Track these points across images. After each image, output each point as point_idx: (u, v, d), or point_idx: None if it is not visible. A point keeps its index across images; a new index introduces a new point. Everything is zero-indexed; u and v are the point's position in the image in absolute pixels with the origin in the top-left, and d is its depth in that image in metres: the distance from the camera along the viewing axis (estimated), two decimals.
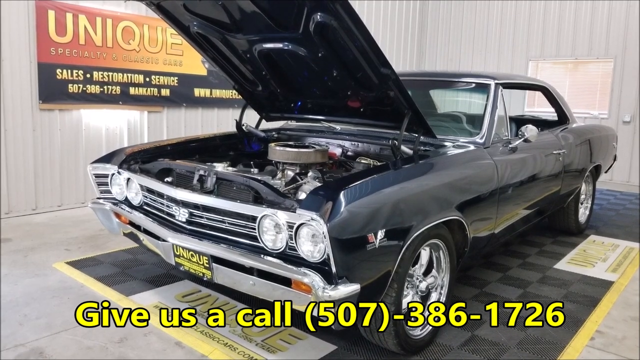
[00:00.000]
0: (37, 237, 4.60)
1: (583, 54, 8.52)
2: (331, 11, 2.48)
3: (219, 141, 3.98)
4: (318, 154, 3.21)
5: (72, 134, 5.62)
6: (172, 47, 6.26)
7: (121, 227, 3.35)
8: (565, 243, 4.89)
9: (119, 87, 5.83)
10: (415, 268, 2.74)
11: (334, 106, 3.49)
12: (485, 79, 3.69)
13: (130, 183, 3.26)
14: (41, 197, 5.44)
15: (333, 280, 2.18)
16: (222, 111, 7.00)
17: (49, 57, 5.25)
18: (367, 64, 2.74)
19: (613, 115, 8.23)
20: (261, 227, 2.43)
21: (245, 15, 2.90)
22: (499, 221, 3.39)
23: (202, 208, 2.72)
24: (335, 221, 2.14)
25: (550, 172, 4.08)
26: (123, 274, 3.77)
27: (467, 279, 3.86)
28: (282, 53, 3.11)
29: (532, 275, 4.01)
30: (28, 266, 3.88)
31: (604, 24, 8.26)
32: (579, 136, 4.75)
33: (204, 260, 2.65)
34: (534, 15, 8.99)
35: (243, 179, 2.68)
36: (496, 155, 3.34)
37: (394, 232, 2.40)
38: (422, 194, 2.66)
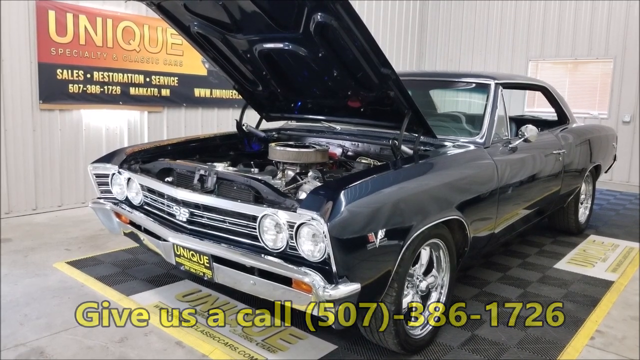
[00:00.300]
0: (38, 237, 4.61)
1: (583, 54, 8.52)
2: (331, 11, 2.48)
3: (219, 141, 3.98)
4: (318, 154, 3.22)
5: (73, 134, 5.62)
6: (172, 47, 6.27)
7: (121, 227, 3.35)
8: (565, 243, 4.89)
9: (119, 87, 5.83)
10: (416, 268, 2.75)
11: (334, 106, 3.49)
12: (485, 79, 3.69)
13: (130, 183, 3.26)
14: (41, 197, 5.45)
15: (333, 279, 2.18)
16: (222, 111, 7.00)
17: (50, 57, 5.25)
18: (367, 64, 2.75)
19: (613, 115, 8.24)
20: (262, 226, 2.43)
21: (246, 15, 2.90)
22: (499, 221, 3.40)
23: (203, 208, 2.72)
24: (336, 221, 2.15)
25: (550, 172, 4.08)
26: (123, 273, 3.77)
27: (467, 278, 3.86)
28: (283, 53, 3.12)
29: (532, 275, 4.02)
30: (28, 266, 3.88)
31: (603, 24, 8.27)
32: (578, 136, 4.76)
33: (205, 260, 2.65)
34: (533, 15, 8.99)
35: (244, 178, 2.68)
36: (496, 155, 3.35)
37: (394, 232, 2.40)
38: (422, 194, 2.66)
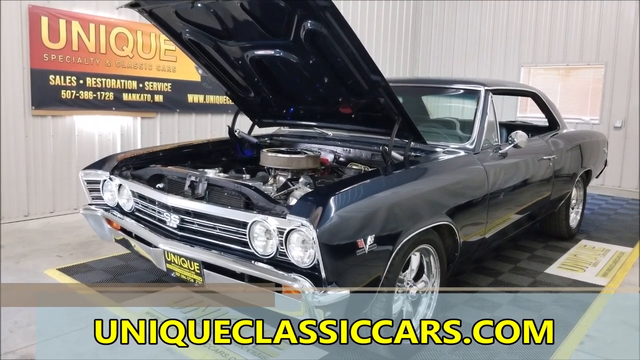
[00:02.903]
0: (29, 244, 4.59)
1: (574, 60, 8.59)
2: (321, 19, 2.51)
3: (211, 147, 3.99)
4: (310, 160, 3.23)
5: (65, 140, 5.61)
6: (165, 53, 6.28)
7: (113, 234, 3.35)
8: (556, 248, 4.92)
9: (112, 93, 5.83)
10: (406, 273, 2.76)
11: (325, 112, 3.51)
12: (475, 85, 3.72)
13: (122, 189, 3.26)
14: (33, 203, 5.43)
15: (323, 285, 2.19)
16: (215, 117, 7.01)
17: (42, 63, 5.25)
18: (357, 71, 2.77)
19: (604, 120, 8.30)
20: (252, 233, 2.44)
21: (237, 23, 2.92)
22: (489, 226, 3.42)
23: (194, 214, 2.73)
24: (325, 226, 2.16)
25: (540, 177, 4.11)
26: (115, 280, 3.77)
27: (459, 284, 3.87)
28: (274, 60, 3.14)
29: (523, 279, 4.03)
30: (20, 273, 3.87)
31: (594, 31, 8.34)
32: (569, 142, 4.79)
33: (195, 267, 2.66)
34: (525, 22, 9.06)
35: (234, 185, 2.70)
36: (486, 161, 3.37)
37: (383, 238, 2.41)
38: (412, 200, 2.68)
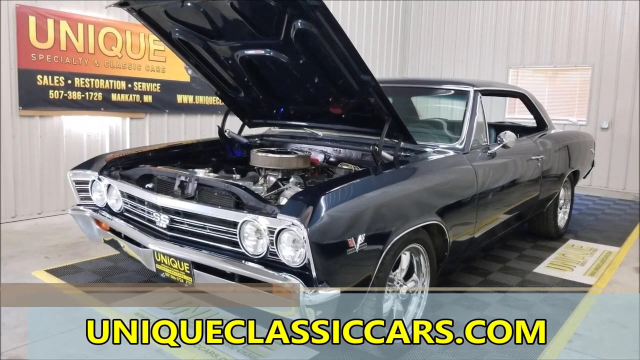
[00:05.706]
0: (17, 245, 4.54)
1: (562, 62, 8.68)
2: (311, 18, 2.51)
3: (201, 147, 3.98)
4: (300, 160, 3.23)
5: (53, 140, 5.56)
6: (154, 54, 6.24)
7: (102, 234, 3.32)
8: (545, 247, 4.96)
9: (101, 94, 5.79)
10: (396, 272, 2.77)
11: (316, 112, 3.51)
12: (465, 86, 3.75)
13: (110, 189, 3.24)
14: (21, 204, 5.37)
15: (314, 285, 2.19)
16: (205, 118, 6.98)
17: (30, 63, 5.20)
18: (347, 71, 2.78)
19: (591, 121, 8.39)
20: (242, 232, 2.44)
21: (227, 22, 2.92)
22: (478, 226, 3.44)
23: (183, 214, 2.72)
24: (316, 226, 2.16)
25: (529, 177, 4.15)
26: (104, 281, 3.74)
27: (448, 283, 3.89)
28: (264, 60, 3.13)
29: (512, 279, 4.06)
30: (7, 274, 3.83)
31: (581, 33, 8.44)
32: (557, 142, 4.84)
33: (185, 267, 2.65)
34: (513, 24, 9.15)
35: (224, 184, 2.69)
36: (475, 161, 3.39)
37: (374, 237, 2.42)
38: (402, 199, 2.69)
